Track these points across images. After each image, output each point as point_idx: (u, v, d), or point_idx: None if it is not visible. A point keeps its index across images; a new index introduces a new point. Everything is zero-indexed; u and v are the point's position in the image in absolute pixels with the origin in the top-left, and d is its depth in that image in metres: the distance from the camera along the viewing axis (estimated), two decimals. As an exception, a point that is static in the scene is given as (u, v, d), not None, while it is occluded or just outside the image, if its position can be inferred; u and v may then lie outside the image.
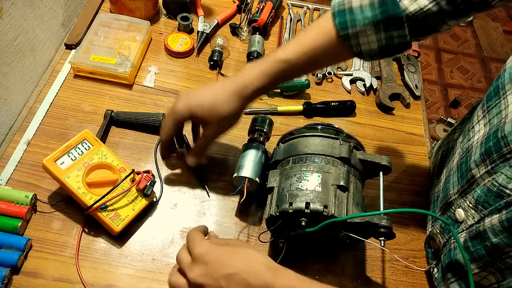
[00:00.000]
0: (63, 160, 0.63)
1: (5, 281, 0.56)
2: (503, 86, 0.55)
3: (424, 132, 0.86)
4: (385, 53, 0.56)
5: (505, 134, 0.50)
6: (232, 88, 0.60)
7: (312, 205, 0.54)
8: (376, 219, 0.55)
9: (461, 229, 0.56)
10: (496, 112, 0.55)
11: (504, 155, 0.51)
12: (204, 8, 0.99)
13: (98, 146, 0.66)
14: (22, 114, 0.78)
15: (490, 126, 0.56)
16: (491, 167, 0.53)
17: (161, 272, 0.62)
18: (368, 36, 0.54)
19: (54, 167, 0.61)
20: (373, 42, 0.54)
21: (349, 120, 0.86)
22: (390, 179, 0.77)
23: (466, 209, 0.56)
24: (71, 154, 0.64)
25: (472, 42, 2.49)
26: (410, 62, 0.94)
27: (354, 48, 0.56)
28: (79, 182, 0.62)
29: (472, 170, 0.56)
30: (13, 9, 0.72)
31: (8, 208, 0.62)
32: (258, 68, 0.60)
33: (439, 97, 2.19)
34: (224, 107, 0.60)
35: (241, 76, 0.61)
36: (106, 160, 0.65)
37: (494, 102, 0.56)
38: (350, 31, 0.54)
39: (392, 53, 0.56)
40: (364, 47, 0.55)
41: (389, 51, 0.56)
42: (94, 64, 0.81)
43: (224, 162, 0.76)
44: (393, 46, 0.55)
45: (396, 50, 0.56)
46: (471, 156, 0.57)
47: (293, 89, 0.86)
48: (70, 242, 0.62)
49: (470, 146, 0.59)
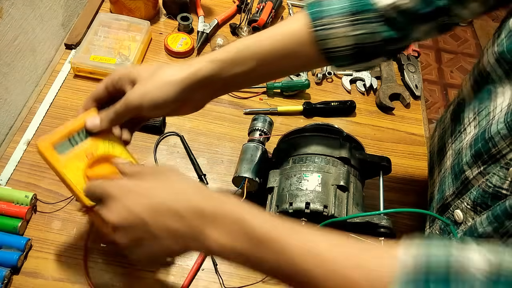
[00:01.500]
0: (62, 146, 0.51)
1: (5, 281, 0.56)
2: (494, 89, 0.55)
3: (424, 132, 0.86)
4: (357, 56, 0.52)
5: (492, 135, 0.51)
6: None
7: (312, 205, 0.54)
8: (376, 219, 0.55)
9: (460, 230, 0.56)
10: (485, 114, 0.55)
11: (493, 155, 0.51)
12: (204, 8, 0.99)
13: (105, 133, 0.54)
14: (22, 114, 0.78)
15: (479, 128, 0.56)
16: (483, 168, 0.53)
17: (161, 272, 0.62)
18: (341, 28, 0.50)
19: (50, 154, 0.50)
20: (345, 37, 0.51)
21: (349, 120, 0.86)
22: (390, 179, 0.77)
23: (464, 210, 0.56)
24: (73, 140, 0.52)
25: (472, 42, 2.49)
26: (410, 62, 0.94)
27: (325, 44, 0.51)
28: (78, 175, 0.51)
29: (465, 171, 0.56)
30: (13, 9, 0.72)
31: (8, 208, 0.62)
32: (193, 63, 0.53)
33: (439, 97, 2.20)
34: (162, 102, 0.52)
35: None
36: (113, 151, 0.54)
37: (484, 105, 0.56)
38: (325, 21, 0.51)
39: (365, 58, 0.53)
40: (336, 42, 0.51)
41: (362, 55, 0.52)
42: (94, 64, 0.81)
43: (224, 162, 0.76)
44: (367, 47, 0.51)
45: (370, 54, 0.53)
46: (462, 158, 0.57)
47: (293, 89, 0.86)
48: (70, 242, 0.62)
49: (461, 148, 0.59)
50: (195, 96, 0.53)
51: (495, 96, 0.54)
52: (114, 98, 0.53)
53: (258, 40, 0.53)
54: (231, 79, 0.53)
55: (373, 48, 0.52)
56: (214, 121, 0.81)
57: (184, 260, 0.63)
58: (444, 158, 0.66)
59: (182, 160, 0.75)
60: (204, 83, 0.52)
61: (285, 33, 0.53)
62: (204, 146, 0.77)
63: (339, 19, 0.50)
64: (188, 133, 0.78)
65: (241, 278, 0.62)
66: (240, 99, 0.85)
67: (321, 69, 0.91)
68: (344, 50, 0.51)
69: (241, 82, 0.56)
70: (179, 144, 0.76)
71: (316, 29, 0.51)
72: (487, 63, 0.55)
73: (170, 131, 0.77)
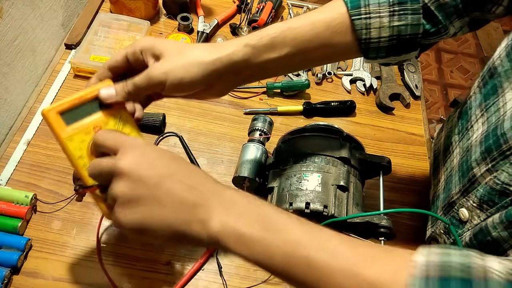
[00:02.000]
0: (70, 115, 0.47)
1: (5, 281, 0.56)
2: (500, 84, 0.55)
3: (424, 132, 0.86)
4: (393, 49, 0.52)
5: (504, 131, 0.50)
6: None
7: (312, 205, 0.54)
8: (376, 219, 0.55)
9: (466, 228, 0.56)
10: (494, 110, 0.55)
11: (503, 152, 0.51)
12: (204, 8, 0.99)
13: (118, 107, 0.50)
14: (22, 114, 0.78)
15: (488, 124, 0.56)
16: (491, 165, 0.52)
17: (162, 273, 0.62)
18: (381, 18, 0.50)
19: (56, 121, 0.46)
20: (384, 27, 0.51)
21: (349, 120, 0.86)
22: (390, 179, 0.77)
23: (470, 209, 0.56)
24: (83, 110, 0.47)
25: (472, 42, 2.49)
26: (410, 62, 0.94)
27: (363, 34, 0.51)
28: (82, 149, 0.46)
29: (473, 169, 0.56)
30: (13, 9, 0.72)
31: (8, 208, 0.62)
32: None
33: (439, 97, 2.19)
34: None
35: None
36: (123, 128, 0.49)
37: (492, 101, 0.56)
38: (363, 10, 0.50)
39: (400, 50, 0.53)
40: (374, 33, 0.51)
41: (397, 47, 0.52)
42: (94, 64, 0.81)
43: (224, 162, 0.76)
44: (404, 40, 0.51)
45: (406, 46, 0.53)
46: (471, 155, 0.57)
47: (293, 89, 0.86)
48: (70, 242, 0.62)
49: (469, 145, 0.59)
50: (221, 81, 0.51)
51: (502, 91, 0.54)
52: (132, 70, 0.50)
53: (293, 27, 0.51)
54: (261, 65, 0.51)
55: (410, 40, 0.51)
56: (214, 121, 0.81)
57: (185, 260, 0.63)
58: (450, 157, 0.66)
59: (182, 160, 0.75)
60: (233, 68, 0.50)
61: (322, 21, 0.51)
62: (204, 146, 0.77)
63: (378, 8, 0.50)
64: (188, 133, 0.78)
65: (241, 278, 0.62)
66: (240, 99, 0.85)
67: (321, 69, 0.91)
68: (381, 41, 0.51)
69: (270, 70, 0.53)
70: (179, 144, 0.76)
71: (355, 17, 0.50)
72: (497, 57, 0.55)
73: (170, 132, 0.77)
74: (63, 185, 0.68)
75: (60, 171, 0.69)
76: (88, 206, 0.66)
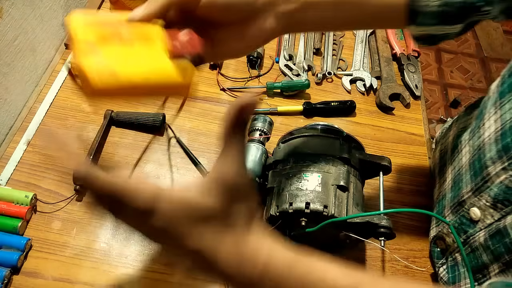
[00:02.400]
0: (94, 30, 0.41)
1: (5, 281, 0.56)
2: None
3: (424, 132, 0.86)
4: (442, 15, 0.50)
5: None
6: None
7: (312, 205, 0.54)
8: (376, 219, 0.55)
9: (478, 228, 0.56)
10: (509, 107, 0.54)
11: None
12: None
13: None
14: (22, 114, 0.78)
15: (502, 122, 0.54)
16: (508, 163, 0.51)
17: (162, 273, 0.62)
18: None
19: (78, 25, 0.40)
20: None
21: (349, 120, 0.86)
22: (390, 179, 0.77)
23: (482, 208, 0.55)
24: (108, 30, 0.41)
25: (472, 42, 2.49)
26: (410, 62, 0.94)
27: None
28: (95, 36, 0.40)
29: (488, 167, 0.55)
30: (13, 9, 0.72)
31: (8, 208, 0.62)
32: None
33: (439, 97, 2.20)
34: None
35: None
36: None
37: (507, 98, 0.55)
38: None
39: (448, 20, 0.52)
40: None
41: (446, 15, 0.51)
42: (94, 64, 0.81)
43: (224, 162, 0.75)
44: (453, 7, 0.49)
45: (453, 16, 0.51)
46: (485, 153, 0.56)
47: (293, 89, 0.86)
48: (70, 242, 0.62)
49: (481, 143, 0.58)
50: (265, 15, 0.48)
51: None
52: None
53: None
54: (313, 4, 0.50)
55: (459, 10, 0.50)
56: (214, 121, 0.81)
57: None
58: (459, 155, 0.65)
59: (183, 160, 0.75)
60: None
61: None
62: (204, 146, 0.77)
63: None
64: (188, 133, 0.78)
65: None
66: (240, 99, 0.85)
67: (321, 69, 0.91)
68: (431, 5, 0.50)
69: (316, 17, 0.52)
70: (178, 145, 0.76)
71: None
72: None
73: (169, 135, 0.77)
74: (63, 185, 0.68)
75: (60, 171, 0.69)
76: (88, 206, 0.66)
